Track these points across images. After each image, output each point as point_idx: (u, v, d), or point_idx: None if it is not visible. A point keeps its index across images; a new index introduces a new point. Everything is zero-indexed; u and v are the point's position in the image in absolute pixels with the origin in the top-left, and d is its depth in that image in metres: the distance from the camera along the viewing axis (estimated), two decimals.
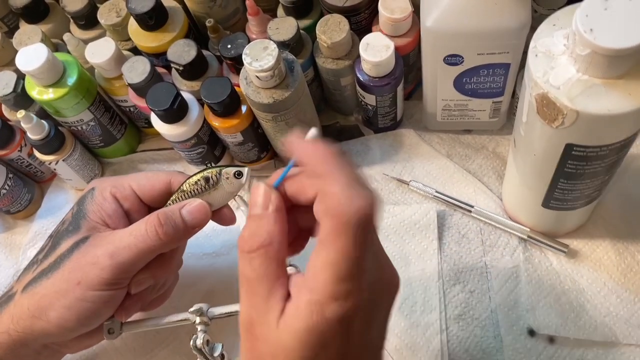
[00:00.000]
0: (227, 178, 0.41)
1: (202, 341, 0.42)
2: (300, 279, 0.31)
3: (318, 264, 0.29)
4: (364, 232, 0.29)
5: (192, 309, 0.43)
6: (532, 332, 0.50)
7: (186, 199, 0.43)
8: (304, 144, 0.32)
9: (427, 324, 0.52)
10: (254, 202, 0.32)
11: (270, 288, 0.30)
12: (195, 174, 0.43)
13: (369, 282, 0.30)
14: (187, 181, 0.43)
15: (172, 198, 0.44)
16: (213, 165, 0.42)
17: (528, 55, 0.37)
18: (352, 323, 0.29)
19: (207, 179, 0.42)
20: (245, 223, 0.32)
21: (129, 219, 0.44)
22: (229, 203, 0.45)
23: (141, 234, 0.40)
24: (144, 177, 0.45)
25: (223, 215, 0.45)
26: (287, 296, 0.30)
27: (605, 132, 0.36)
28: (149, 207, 0.46)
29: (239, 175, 0.41)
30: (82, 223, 0.42)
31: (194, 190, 0.43)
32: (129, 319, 0.45)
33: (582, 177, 0.42)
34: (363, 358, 0.31)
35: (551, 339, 0.50)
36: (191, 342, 0.42)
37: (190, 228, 0.42)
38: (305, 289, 0.29)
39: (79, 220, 0.43)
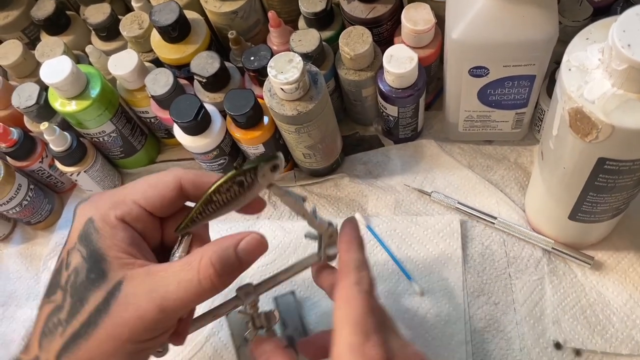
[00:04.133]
0: (264, 175, 0.35)
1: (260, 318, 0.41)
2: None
3: (335, 325, 0.34)
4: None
5: (239, 289, 0.40)
6: (558, 345, 0.50)
7: (217, 210, 0.36)
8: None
9: (451, 334, 0.51)
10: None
11: None
12: (223, 179, 0.35)
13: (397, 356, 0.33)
14: (217, 189, 0.35)
15: (196, 211, 0.36)
16: (240, 165, 0.36)
17: (561, 69, 0.37)
18: None
19: (240, 184, 0.35)
20: None
21: (144, 240, 0.38)
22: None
23: (193, 285, 0.34)
24: (147, 187, 0.37)
25: (250, 208, 0.39)
26: None
27: None
28: (161, 219, 0.39)
29: (274, 168, 0.35)
30: (104, 267, 0.34)
31: (226, 199, 0.36)
32: None
33: (612, 191, 0.42)
34: None
35: (577, 352, 0.49)
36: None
37: (247, 266, 0.36)
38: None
39: (98, 264, 0.35)
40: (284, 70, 0.48)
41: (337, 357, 0.32)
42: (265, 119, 0.56)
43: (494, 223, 0.56)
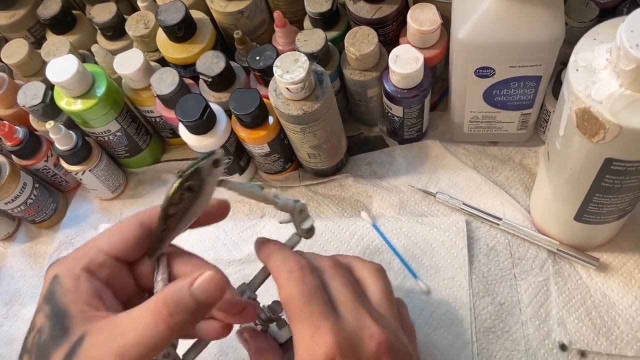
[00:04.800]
0: (209, 173, 0.34)
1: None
2: None
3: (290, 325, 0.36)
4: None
5: None
6: (563, 347, 0.50)
7: (180, 221, 0.36)
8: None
9: (457, 333, 0.51)
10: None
11: None
12: (171, 190, 0.34)
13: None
14: (170, 202, 0.34)
15: (159, 229, 0.36)
16: (180, 172, 0.34)
17: (568, 69, 0.37)
18: None
19: (190, 188, 0.34)
20: None
21: (112, 289, 0.37)
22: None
23: (149, 328, 0.32)
24: (112, 233, 0.37)
25: (210, 216, 0.38)
26: None
27: None
28: (128, 263, 0.38)
29: (216, 163, 0.35)
30: (67, 322, 0.33)
31: (183, 209, 0.35)
32: None
33: (618, 192, 0.42)
34: None
35: (583, 354, 0.49)
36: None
37: (207, 306, 0.34)
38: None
39: (61, 320, 0.33)
40: (290, 70, 0.48)
41: (299, 353, 0.34)
42: (271, 119, 0.56)
43: (499, 224, 0.55)
